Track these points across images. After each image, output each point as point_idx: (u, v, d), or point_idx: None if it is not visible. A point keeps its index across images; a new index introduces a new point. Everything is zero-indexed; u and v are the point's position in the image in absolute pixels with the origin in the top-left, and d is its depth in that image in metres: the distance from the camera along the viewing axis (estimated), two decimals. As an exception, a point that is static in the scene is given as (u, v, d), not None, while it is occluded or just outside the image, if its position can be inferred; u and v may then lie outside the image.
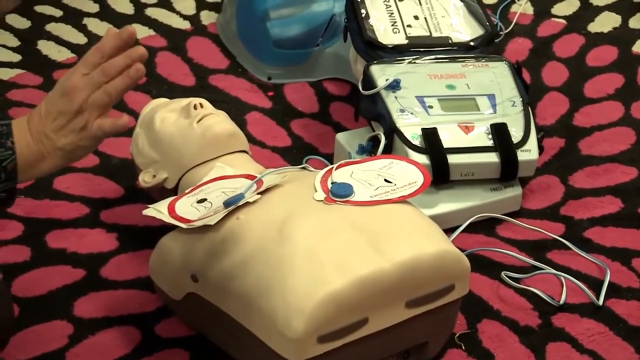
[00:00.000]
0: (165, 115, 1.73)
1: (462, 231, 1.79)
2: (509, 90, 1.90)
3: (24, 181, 1.31)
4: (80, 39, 2.32)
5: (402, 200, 1.53)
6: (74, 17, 2.39)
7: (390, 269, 1.42)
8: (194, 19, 2.40)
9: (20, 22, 2.37)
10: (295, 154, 2.00)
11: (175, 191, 1.70)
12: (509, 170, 1.82)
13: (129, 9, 2.42)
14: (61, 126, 1.31)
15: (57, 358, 1.56)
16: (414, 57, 1.95)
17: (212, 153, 1.68)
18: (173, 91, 2.14)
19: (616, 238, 1.81)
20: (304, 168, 1.65)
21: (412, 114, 1.84)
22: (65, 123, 1.31)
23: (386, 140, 1.81)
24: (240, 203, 1.50)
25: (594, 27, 2.38)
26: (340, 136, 1.93)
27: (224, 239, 1.48)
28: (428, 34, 2.02)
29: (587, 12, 2.43)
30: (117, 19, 2.38)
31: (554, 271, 1.72)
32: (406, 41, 1.99)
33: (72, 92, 1.31)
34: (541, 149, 1.86)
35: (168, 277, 1.59)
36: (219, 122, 1.70)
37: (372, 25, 2.00)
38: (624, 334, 1.62)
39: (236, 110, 2.08)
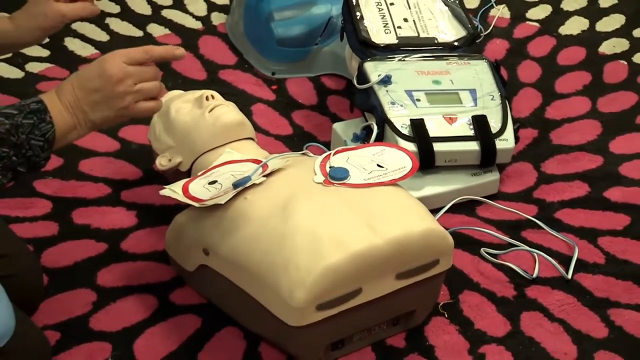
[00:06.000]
0: (180, 105, 1.72)
1: (446, 212, 1.79)
2: (489, 86, 1.89)
3: (55, 149, 1.31)
4: (103, 36, 2.31)
5: (393, 183, 1.52)
6: (97, 17, 2.35)
7: (382, 244, 1.41)
8: (205, 20, 2.39)
9: (49, 21, 2.35)
10: (296, 141, 1.99)
11: (188, 174, 1.69)
12: (488, 157, 1.81)
13: (147, 10, 2.41)
14: (97, 102, 1.31)
15: (82, 323, 1.56)
16: (404, 55, 1.94)
17: (222, 140, 1.67)
18: (186, 84, 2.13)
19: (584, 219, 1.81)
20: (304, 154, 1.64)
21: (401, 106, 1.83)
22: (103, 100, 1.30)
23: (378, 129, 1.80)
24: (248, 184, 1.50)
25: (564, 29, 2.37)
26: (337, 126, 1.92)
27: (233, 216, 1.48)
28: (416, 34, 2.01)
29: (559, 16, 2.42)
30: (136, 19, 2.37)
31: (527, 248, 1.72)
32: (396, 41, 1.98)
33: (115, 76, 1.29)
34: (517, 138, 1.85)
35: (182, 250, 1.58)
36: (229, 112, 1.69)
37: (366, 27, 1.99)
38: (590, 304, 1.62)
39: (243, 102, 2.07)
